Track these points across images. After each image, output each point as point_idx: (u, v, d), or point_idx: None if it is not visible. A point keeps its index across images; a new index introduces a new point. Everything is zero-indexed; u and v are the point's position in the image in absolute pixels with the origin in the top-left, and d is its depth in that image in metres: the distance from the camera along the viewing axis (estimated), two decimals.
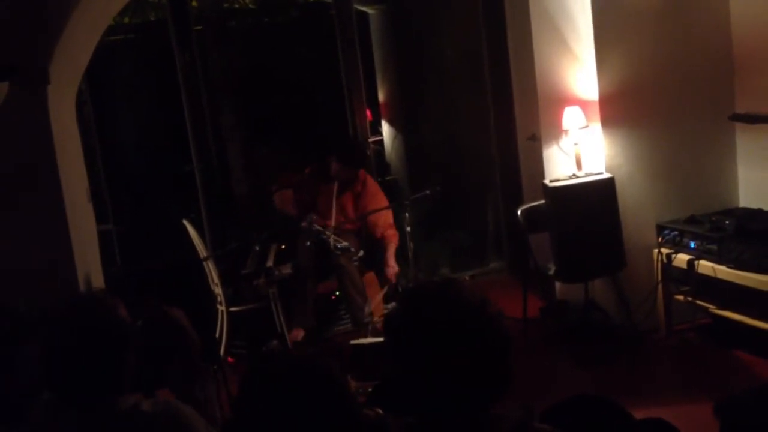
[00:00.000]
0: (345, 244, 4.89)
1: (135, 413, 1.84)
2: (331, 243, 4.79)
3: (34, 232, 3.14)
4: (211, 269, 4.76)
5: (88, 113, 5.51)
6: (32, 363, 2.01)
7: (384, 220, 5.23)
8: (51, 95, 3.17)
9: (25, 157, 3.13)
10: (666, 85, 4.48)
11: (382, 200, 5.29)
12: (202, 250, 4.80)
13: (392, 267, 5.14)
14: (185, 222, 4.89)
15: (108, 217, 5.48)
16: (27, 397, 2.12)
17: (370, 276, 5.28)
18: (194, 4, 5.95)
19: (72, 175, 3.39)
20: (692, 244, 4.23)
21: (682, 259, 4.26)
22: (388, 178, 6.55)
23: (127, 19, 6.22)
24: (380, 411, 1.90)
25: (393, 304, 5.34)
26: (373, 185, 5.36)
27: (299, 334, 4.94)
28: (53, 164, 3.16)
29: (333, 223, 4.97)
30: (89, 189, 3.72)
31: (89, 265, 3.45)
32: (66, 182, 3.24)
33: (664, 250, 4.35)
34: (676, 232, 4.33)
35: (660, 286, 4.41)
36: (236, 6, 6.72)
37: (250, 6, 6.80)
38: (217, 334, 4.69)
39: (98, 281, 3.56)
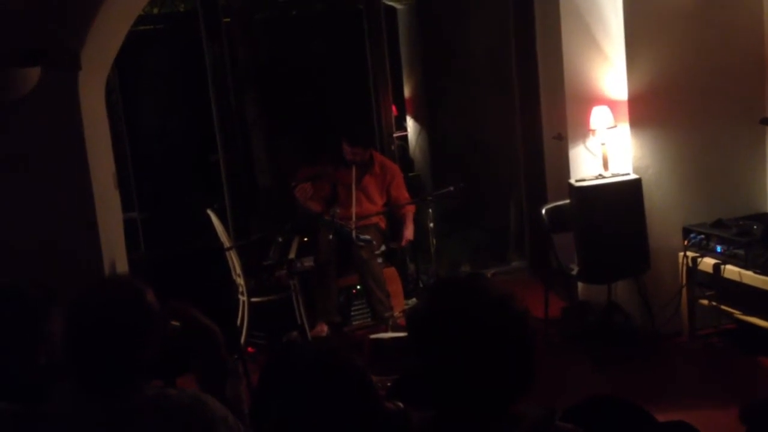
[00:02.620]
0: (367, 237, 4.90)
1: (162, 399, 1.84)
2: (354, 234, 4.81)
3: (62, 216, 3.17)
4: (233, 259, 4.79)
5: (116, 101, 5.56)
6: (58, 340, 2.02)
7: (402, 193, 5.30)
8: (82, 82, 3.20)
9: (54, 142, 3.16)
10: (696, 87, 4.43)
11: (402, 185, 5.35)
12: (225, 239, 4.83)
13: (410, 230, 5.21)
14: (209, 212, 4.92)
15: (134, 205, 5.53)
16: (50, 378, 2.14)
17: (391, 271, 5.28)
18: None
19: (100, 161, 3.41)
20: (718, 249, 4.18)
21: (707, 263, 4.21)
22: (411, 174, 6.54)
23: (156, 10, 6.26)
24: (401, 404, 1.89)
25: (413, 299, 5.35)
26: (392, 167, 5.36)
27: (323, 329, 4.95)
28: (82, 150, 3.18)
29: (354, 209, 4.97)
30: (116, 176, 3.75)
31: (114, 251, 3.48)
32: (94, 169, 3.27)
33: (690, 254, 4.31)
34: (702, 236, 4.28)
35: (684, 290, 4.37)
36: None
37: None
38: (237, 324, 4.72)
39: (123, 268, 3.59)
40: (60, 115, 3.16)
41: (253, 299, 4.80)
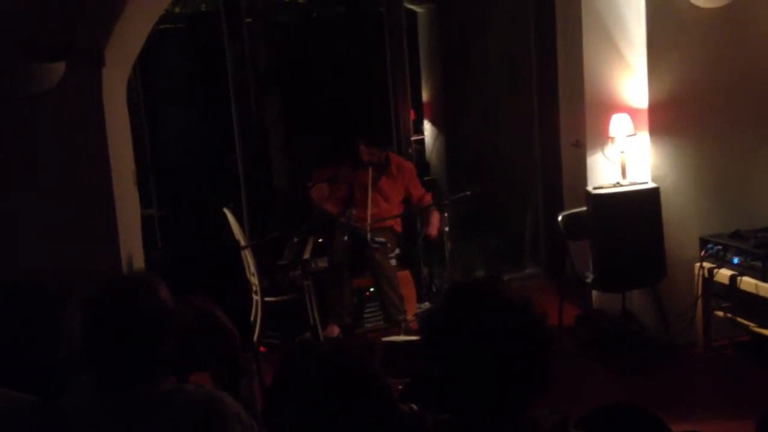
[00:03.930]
0: (382, 239, 4.90)
1: (178, 395, 1.85)
2: (368, 236, 4.81)
3: (81, 211, 3.20)
4: (248, 258, 4.81)
5: (137, 99, 5.60)
6: (76, 334, 2.04)
7: (419, 189, 5.31)
8: (105, 78, 3.24)
9: (77, 137, 3.20)
10: (717, 96, 4.41)
11: (418, 183, 5.36)
12: (241, 238, 4.85)
13: (435, 225, 5.19)
14: (226, 210, 4.94)
15: (152, 202, 5.56)
16: (68, 371, 2.16)
17: (405, 274, 5.28)
18: None
19: (121, 158, 3.45)
20: (735, 260, 4.15)
21: (724, 274, 4.19)
22: (427, 177, 6.55)
23: (177, 9, 6.30)
24: (415, 407, 1.90)
25: (426, 303, 5.35)
26: (407, 165, 5.36)
27: (335, 330, 4.96)
28: (104, 147, 3.22)
29: (370, 210, 4.97)
30: (135, 173, 3.78)
31: (132, 247, 3.51)
32: (115, 165, 3.30)
33: (707, 265, 4.28)
34: (719, 247, 4.26)
35: (700, 301, 4.34)
36: (286, 0, 6.77)
37: (300, 1, 6.84)
38: (251, 323, 4.73)
39: (139, 264, 3.62)
40: (83, 110, 3.20)
41: (267, 299, 4.82)
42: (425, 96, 7.58)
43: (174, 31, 6.22)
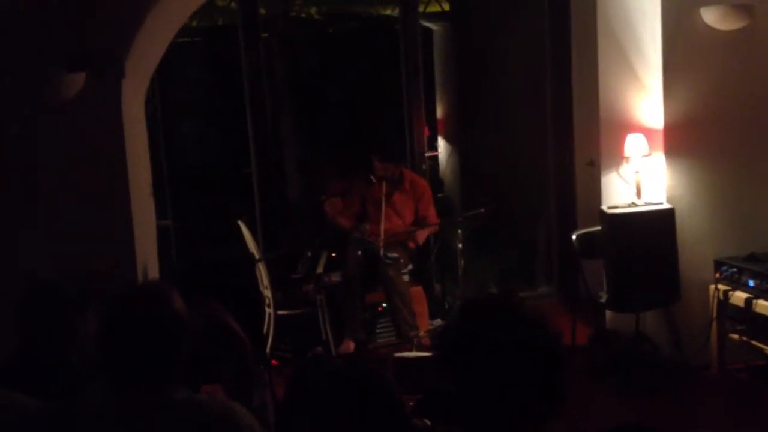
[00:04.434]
0: (395, 255, 4.90)
1: (191, 404, 1.85)
2: (381, 252, 4.81)
3: (99, 220, 3.22)
4: (262, 271, 4.82)
5: (155, 110, 5.64)
6: (90, 340, 2.05)
7: (430, 211, 5.29)
8: (124, 89, 3.27)
9: (95, 147, 3.22)
10: (733, 118, 4.40)
11: (431, 203, 5.32)
12: (255, 251, 4.86)
13: (422, 237, 5.19)
14: (240, 223, 4.96)
15: (167, 213, 5.59)
16: (82, 375, 2.17)
17: (418, 290, 5.28)
18: (263, 11, 6.06)
19: (138, 168, 3.47)
20: (751, 283, 4.12)
21: (739, 296, 4.16)
22: (440, 194, 6.55)
23: (195, 23, 6.37)
24: (428, 422, 1.89)
25: (438, 320, 5.34)
26: (421, 183, 5.35)
27: (350, 346, 4.95)
28: (122, 157, 3.25)
29: (383, 225, 4.98)
30: (152, 183, 3.81)
31: (147, 257, 3.53)
32: (132, 175, 3.32)
33: (721, 287, 4.25)
34: (734, 269, 4.23)
35: (715, 323, 4.31)
36: (302, 15, 6.82)
37: (316, 16, 6.90)
38: (263, 336, 4.73)
39: (154, 274, 3.63)
40: (102, 120, 3.23)
41: (280, 312, 4.82)
42: (439, 113, 7.60)
43: (191, 45, 6.28)
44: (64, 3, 3.02)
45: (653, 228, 4.33)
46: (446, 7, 7.00)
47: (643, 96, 4.52)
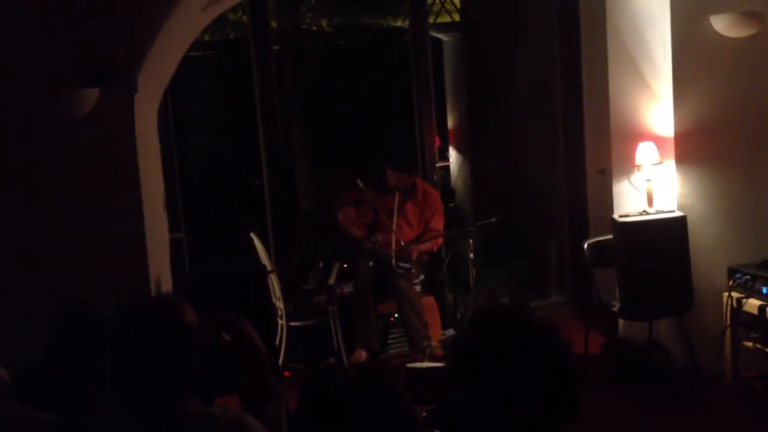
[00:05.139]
0: (407, 265, 4.91)
1: (205, 417, 1.86)
2: (393, 262, 4.82)
3: (112, 234, 3.25)
4: (274, 282, 4.84)
5: (167, 123, 5.69)
6: (104, 358, 2.06)
7: (439, 224, 5.25)
8: (137, 104, 3.30)
9: (108, 162, 3.25)
10: (744, 125, 4.39)
11: (441, 218, 5.30)
12: (267, 263, 4.89)
13: (423, 247, 5.11)
14: (252, 235, 4.99)
15: (180, 225, 5.63)
16: (96, 392, 2.19)
17: (430, 300, 5.28)
18: (274, 25, 6.11)
19: (151, 182, 3.50)
20: (764, 290, 4.10)
21: (753, 304, 4.14)
22: (452, 204, 6.55)
23: (207, 36, 6.42)
24: None
25: (451, 330, 5.34)
26: (434, 195, 5.34)
27: (362, 355, 4.95)
28: (135, 171, 3.27)
29: (395, 235, 4.98)
30: (165, 197, 3.84)
31: (160, 270, 3.55)
32: (145, 189, 3.35)
33: (735, 294, 4.23)
34: (748, 276, 4.21)
35: (728, 331, 4.29)
36: (313, 28, 6.87)
37: (327, 29, 6.94)
38: (276, 347, 4.75)
39: (167, 286, 3.65)
40: (115, 135, 3.26)
41: (292, 323, 4.84)
42: (450, 123, 7.62)
43: (204, 58, 6.33)
44: (79, 19, 3.06)
45: (665, 236, 4.32)
46: (456, 17, 7.03)
47: (654, 104, 4.51)
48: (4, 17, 2.97)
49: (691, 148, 4.39)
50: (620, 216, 4.48)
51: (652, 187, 4.45)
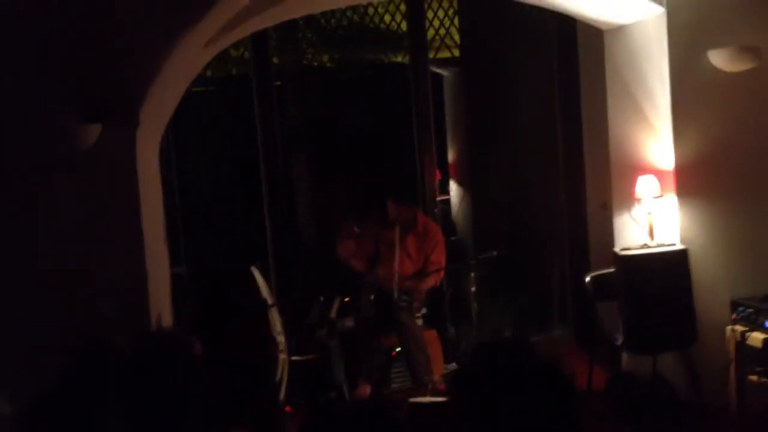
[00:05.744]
0: (408, 297, 4.89)
1: None
2: (395, 295, 4.81)
3: (112, 268, 3.25)
4: (275, 317, 4.82)
5: (170, 157, 5.71)
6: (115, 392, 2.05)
7: (440, 258, 5.22)
8: (139, 138, 3.32)
9: (110, 196, 3.27)
10: (744, 158, 4.41)
11: (442, 251, 5.27)
12: (268, 297, 4.87)
13: (426, 284, 5.06)
14: (253, 269, 4.97)
15: (181, 260, 5.62)
16: (106, 426, 2.17)
17: (432, 334, 5.25)
18: (275, 61, 6.17)
19: (152, 217, 3.51)
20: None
21: (757, 337, 4.11)
22: (453, 238, 6.55)
23: (209, 72, 6.48)
24: None
25: (453, 364, 5.30)
26: (435, 230, 5.32)
27: (366, 389, 4.92)
28: (136, 205, 3.29)
29: (397, 268, 4.97)
30: (165, 232, 3.84)
31: (161, 305, 3.54)
32: (146, 224, 3.36)
33: (738, 328, 4.21)
34: (751, 310, 4.19)
35: (733, 365, 4.25)
36: (315, 64, 6.93)
37: (328, 64, 7.01)
38: (277, 381, 4.71)
39: (168, 321, 3.64)
40: (117, 169, 3.28)
41: (293, 357, 4.80)
42: (451, 156, 7.65)
43: (205, 94, 6.38)
44: (82, 55, 3.10)
45: (667, 269, 4.31)
46: (456, 53, 7.10)
47: (653, 138, 4.54)
48: (7, 54, 3.00)
49: (692, 180, 4.40)
50: (622, 249, 4.48)
51: (653, 220, 4.45)
